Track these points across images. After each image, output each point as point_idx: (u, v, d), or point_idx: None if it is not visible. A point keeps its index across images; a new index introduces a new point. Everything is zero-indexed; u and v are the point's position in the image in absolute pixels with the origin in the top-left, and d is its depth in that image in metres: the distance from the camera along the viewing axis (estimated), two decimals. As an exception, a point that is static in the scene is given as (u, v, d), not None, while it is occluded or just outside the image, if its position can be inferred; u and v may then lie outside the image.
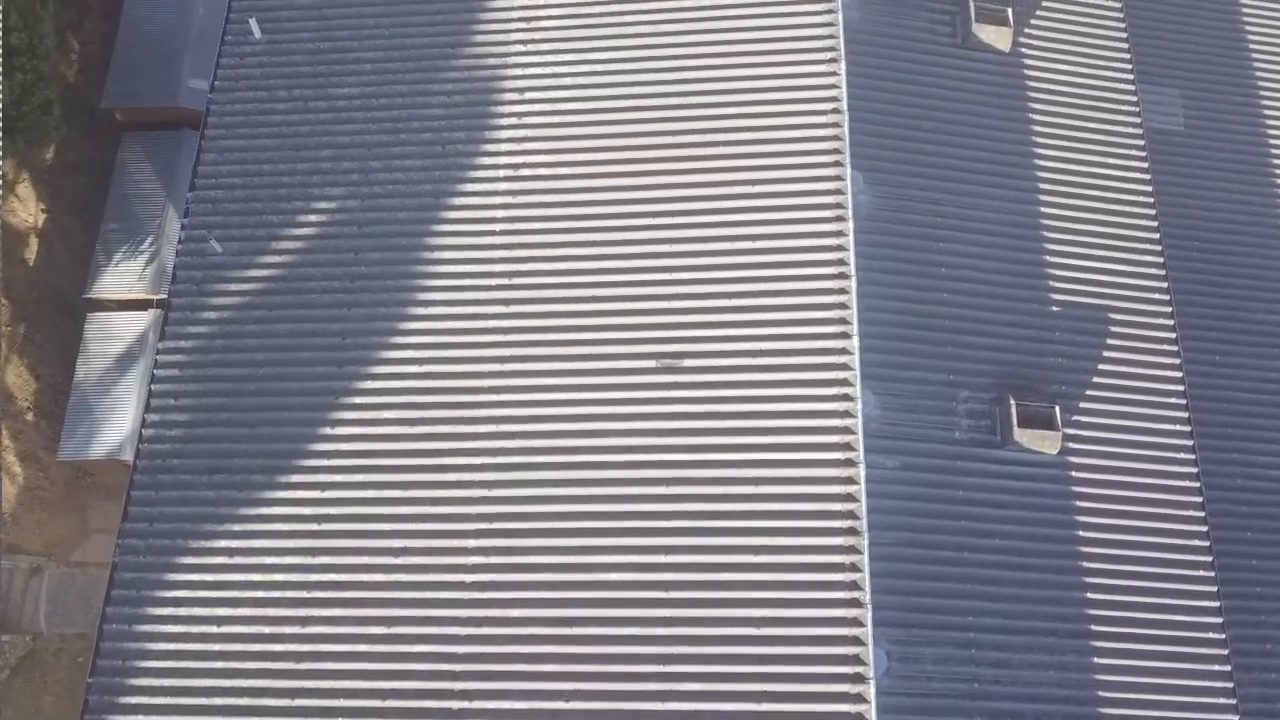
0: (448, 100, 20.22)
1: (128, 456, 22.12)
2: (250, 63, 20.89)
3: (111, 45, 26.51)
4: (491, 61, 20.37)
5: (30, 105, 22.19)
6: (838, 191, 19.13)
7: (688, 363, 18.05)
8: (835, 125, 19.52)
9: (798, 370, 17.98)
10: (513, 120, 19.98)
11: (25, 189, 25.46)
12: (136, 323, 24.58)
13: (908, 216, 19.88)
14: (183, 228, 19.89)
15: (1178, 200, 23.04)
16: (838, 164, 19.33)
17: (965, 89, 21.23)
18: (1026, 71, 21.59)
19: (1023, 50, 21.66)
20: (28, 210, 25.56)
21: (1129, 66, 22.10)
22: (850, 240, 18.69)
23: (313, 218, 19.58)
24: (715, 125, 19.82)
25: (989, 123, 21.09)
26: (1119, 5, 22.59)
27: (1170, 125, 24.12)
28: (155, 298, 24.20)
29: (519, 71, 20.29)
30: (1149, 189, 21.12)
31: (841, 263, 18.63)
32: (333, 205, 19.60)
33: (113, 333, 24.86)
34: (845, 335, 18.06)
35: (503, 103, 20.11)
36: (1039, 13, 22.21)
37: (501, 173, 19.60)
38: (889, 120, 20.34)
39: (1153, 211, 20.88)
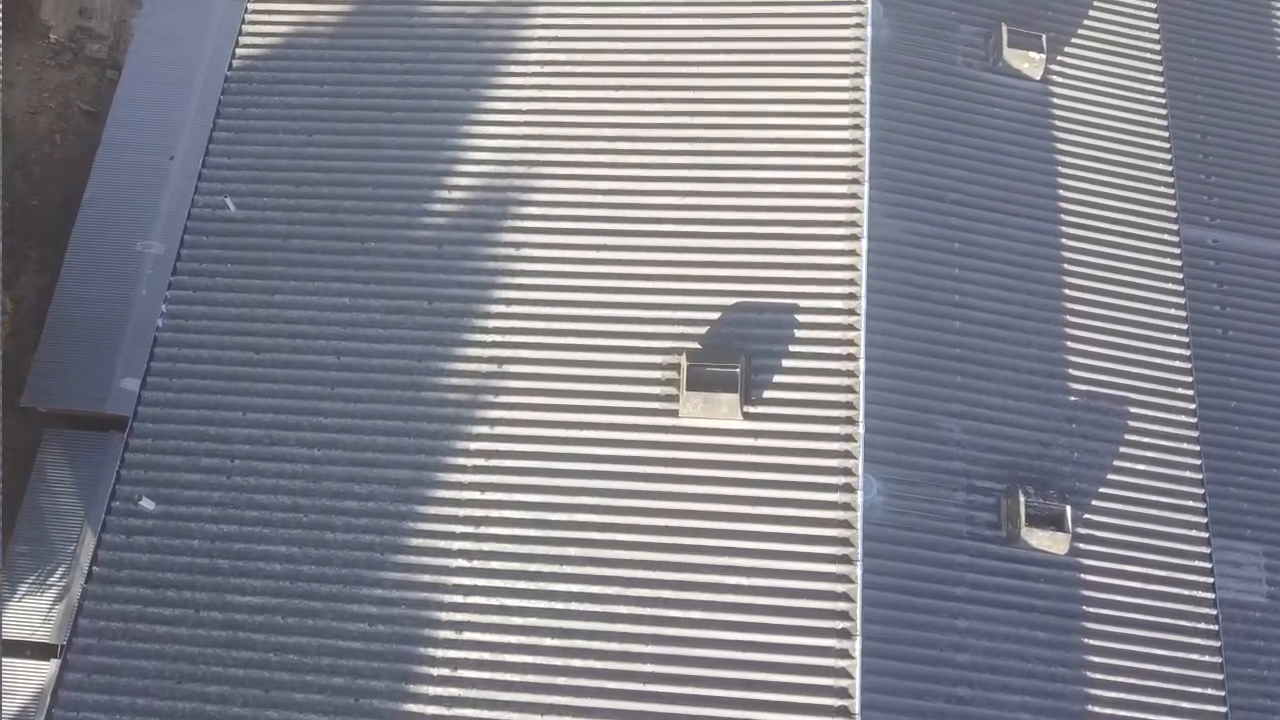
0: (373, 620, 16.25)
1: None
2: (138, 544, 17.03)
3: (49, 299, 23.37)
4: (434, 550, 16.50)
5: None
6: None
7: None
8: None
9: None
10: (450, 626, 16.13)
11: (-66, 482, 22.24)
12: (37, 674, 21.57)
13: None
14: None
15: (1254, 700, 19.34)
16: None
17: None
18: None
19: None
20: (-64, 511, 22.48)
21: (1204, 533, 18.64)
22: None
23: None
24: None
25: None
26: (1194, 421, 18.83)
27: (1250, 596, 20.33)
28: (60, 644, 20.96)
29: (468, 527, 16.53)
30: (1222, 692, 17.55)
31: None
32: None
33: (9, 689, 21.86)
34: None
35: (443, 598, 16.19)
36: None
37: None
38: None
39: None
